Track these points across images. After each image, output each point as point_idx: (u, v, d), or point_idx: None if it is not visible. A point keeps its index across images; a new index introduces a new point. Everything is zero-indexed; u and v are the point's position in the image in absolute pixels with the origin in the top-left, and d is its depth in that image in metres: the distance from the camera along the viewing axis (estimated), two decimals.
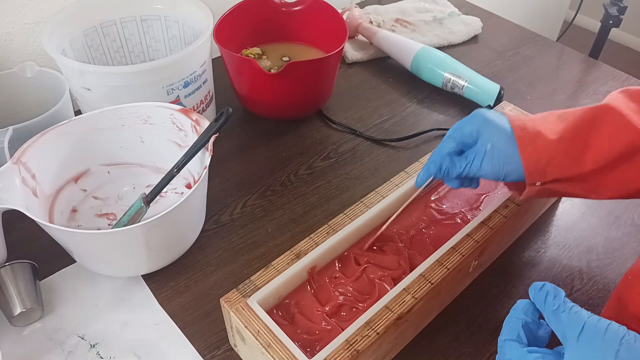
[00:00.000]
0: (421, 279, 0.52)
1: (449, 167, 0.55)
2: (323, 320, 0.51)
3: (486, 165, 0.53)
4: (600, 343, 0.38)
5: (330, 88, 0.85)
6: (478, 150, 0.53)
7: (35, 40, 0.79)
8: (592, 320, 0.39)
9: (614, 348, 0.37)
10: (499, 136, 0.52)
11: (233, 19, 0.84)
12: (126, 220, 0.63)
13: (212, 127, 0.62)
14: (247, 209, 0.71)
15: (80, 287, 0.62)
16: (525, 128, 0.52)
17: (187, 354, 0.56)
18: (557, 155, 0.50)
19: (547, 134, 0.51)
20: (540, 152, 0.50)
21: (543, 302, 0.42)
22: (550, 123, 0.52)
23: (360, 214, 0.58)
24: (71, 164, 0.66)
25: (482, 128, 0.53)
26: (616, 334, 0.38)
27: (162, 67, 0.67)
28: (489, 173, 0.53)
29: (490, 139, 0.52)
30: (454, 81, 0.88)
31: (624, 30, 2.50)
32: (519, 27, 1.11)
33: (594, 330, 0.38)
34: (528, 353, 0.41)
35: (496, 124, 0.53)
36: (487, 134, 0.53)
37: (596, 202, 0.73)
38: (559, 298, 0.41)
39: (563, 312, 0.40)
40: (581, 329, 0.39)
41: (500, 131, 0.52)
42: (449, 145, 0.55)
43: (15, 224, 0.65)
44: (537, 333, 0.43)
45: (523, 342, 0.42)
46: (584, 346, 0.38)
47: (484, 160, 0.53)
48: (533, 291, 0.43)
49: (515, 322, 0.43)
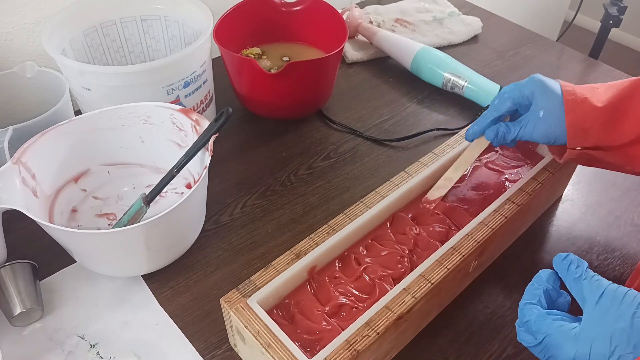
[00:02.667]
0: (421, 279, 0.52)
1: (505, 133, 0.59)
2: (323, 320, 0.51)
3: (538, 130, 0.56)
4: (617, 306, 0.39)
5: (330, 88, 0.85)
6: (531, 116, 0.57)
7: (35, 40, 0.79)
8: (612, 287, 0.40)
9: (631, 310, 0.38)
10: (551, 100, 0.55)
11: (233, 19, 0.84)
12: (126, 220, 0.63)
13: (212, 127, 0.62)
14: (247, 209, 0.71)
15: (80, 287, 0.62)
16: (574, 93, 0.55)
17: (187, 354, 0.56)
18: (599, 121, 0.53)
19: (593, 100, 0.54)
20: (585, 117, 0.53)
21: (566, 270, 0.44)
22: (598, 92, 0.55)
23: (360, 214, 0.58)
24: (71, 164, 0.66)
25: (537, 91, 0.56)
26: (634, 299, 0.39)
27: (162, 67, 0.67)
28: (540, 137, 0.56)
29: (543, 103, 0.56)
30: (454, 81, 0.88)
31: (624, 30, 2.50)
32: (519, 27, 1.11)
33: (613, 295, 0.40)
34: (547, 315, 0.43)
35: (549, 88, 0.56)
36: (540, 97, 0.56)
37: (596, 202, 0.73)
38: (582, 267, 0.43)
39: (585, 280, 0.42)
40: (601, 294, 0.40)
41: (553, 95, 0.55)
42: (506, 105, 0.59)
43: (15, 224, 0.65)
44: (557, 300, 0.45)
45: (543, 306, 0.44)
46: (602, 309, 0.40)
47: (537, 125, 0.56)
48: (557, 260, 0.45)
49: (536, 289, 0.45)
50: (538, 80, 0.57)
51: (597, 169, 0.62)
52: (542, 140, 0.57)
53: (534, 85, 0.57)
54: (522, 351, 0.57)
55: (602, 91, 0.55)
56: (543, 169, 0.64)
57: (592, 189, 0.75)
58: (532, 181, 0.62)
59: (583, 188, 0.75)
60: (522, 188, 0.62)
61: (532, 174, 0.63)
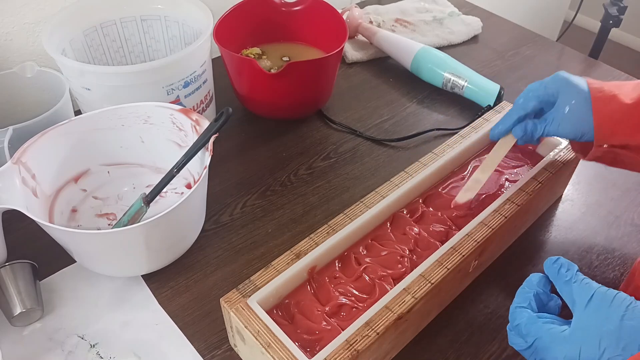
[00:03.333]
0: (421, 279, 0.52)
1: (532, 130, 0.58)
2: (323, 320, 0.51)
3: (564, 126, 0.56)
4: (607, 308, 0.39)
5: (330, 88, 0.85)
6: (556, 112, 0.56)
7: (35, 40, 0.79)
8: (602, 290, 0.41)
9: (620, 313, 0.38)
10: (577, 97, 0.55)
11: (233, 19, 0.84)
12: (126, 220, 0.63)
13: (212, 127, 0.62)
14: (247, 209, 0.71)
15: (80, 287, 0.62)
16: (602, 90, 0.54)
17: (187, 354, 0.56)
18: (628, 119, 0.52)
19: (622, 97, 0.53)
20: (613, 114, 0.53)
21: (556, 274, 0.44)
22: (626, 89, 0.54)
23: (360, 214, 0.58)
24: (71, 164, 0.66)
25: (562, 88, 0.56)
26: (623, 301, 0.39)
27: (162, 67, 0.67)
28: (566, 133, 0.56)
29: (568, 100, 0.55)
30: (454, 81, 0.88)
31: (624, 30, 2.50)
32: (519, 27, 1.11)
33: (602, 297, 0.40)
34: (537, 318, 0.43)
35: (575, 85, 0.55)
36: (565, 94, 0.56)
37: (596, 202, 0.73)
38: (572, 271, 0.43)
39: (574, 283, 0.42)
40: (590, 297, 0.40)
41: (579, 92, 0.55)
42: (531, 103, 0.58)
43: (15, 224, 0.65)
44: (547, 304, 0.45)
45: (533, 309, 0.44)
46: (592, 311, 0.40)
47: (563, 122, 0.56)
48: (548, 264, 0.45)
49: (527, 292, 0.45)
50: (563, 78, 0.57)
51: (596, 169, 0.62)
52: (569, 137, 0.57)
53: (559, 83, 0.56)
54: None
55: (631, 88, 0.55)
56: (543, 169, 0.64)
57: (592, 189, 0.75)
58: (532, 181, 0.62)
59: (583, 188, 0.75)
60: (522, 188, 0.62)
61: (532, 174, 0.63)
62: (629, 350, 0.37)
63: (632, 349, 0.37)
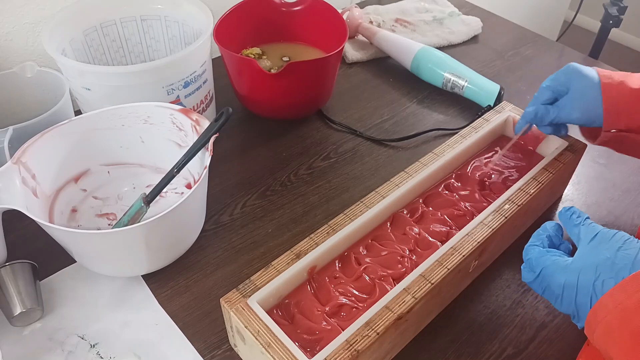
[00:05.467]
0: (421, 279, 0.52)
1: (543, 114, 0.62)
2: (323, 320, 0.51)
3: (575, 112, 0.59)
4: (606, 243, 0.44)
5: (330, 88, 0.85)
6: (568, 99, 0.60)
7: (35, 40, 0.79)
8: (605, 230, 0.45)
9: (618, 245, 0.43)
10: (588, 85, 0.58)
11: (233, 19, 0.84)
12: (126, 220, 0.63)
13: (212, 127, 0.62)
14: (247, 209, 0.71)
15: (80, 287, 0.62)
16: (611, 77, 0.58)
17: (187, 354, 0.56)
18: (635, 103, 0.56)
19: (630, 83, 0.57)
20: (620, 99, 0.56)
21: (568, 218, 0.49)
22: (634, 76, 0.58)
23: (360, 214, 0.58)
24: (71, 164, 0.66)
25: (573, 77, 0.60)
26: (622, 237, 0.44)
27: (162, 67, 0.67)
28: (577, 119, 0.59)
29: (579, 86, 0.59)
30: (454, 81, 0.88)
31: (624, 30, 2.50)
32: (519, 27, 1.11)
33: (604, 234, 0.45)
34: (546, 252, 0.47)
35: (585, 73, 0.59)
36: (576, 81, 0.59)
37: (596, 202, 0.73)
38: (582, 217, 0.48)
39: (582, 225, 0.47)
40: (594, 235, 0.45)
41: (589, 79, 0.58)
42: (545, 95, 0.62)
43: (15, 224, 0.65)
44: (558, 247, 0.49)
45: (544, 247, 0.49)
46: (593, 246, 0.44)
47: (574, 107, 0.59)
48: (562, 211, 0.50)
49: (540, 234, 0.50)
50: (574, 68, 0.60)
51: (596, 169, 0.62)
52: (580, 122, 0.60)
53: (570, 72, 0.60)
54: (522, 351, 0.57)
55: (639, 76, 0.58)
56: (543, 169, 0.64)
57: (592, 189, 0.75)
58: (532, 181, 0.62)
59: (583, 188, 0.75)
60: (522, 188, 0.62)
61: (532, 174, 0.63)
62: (621, 275, 0.41)
63: (624, 274, 0.41)
